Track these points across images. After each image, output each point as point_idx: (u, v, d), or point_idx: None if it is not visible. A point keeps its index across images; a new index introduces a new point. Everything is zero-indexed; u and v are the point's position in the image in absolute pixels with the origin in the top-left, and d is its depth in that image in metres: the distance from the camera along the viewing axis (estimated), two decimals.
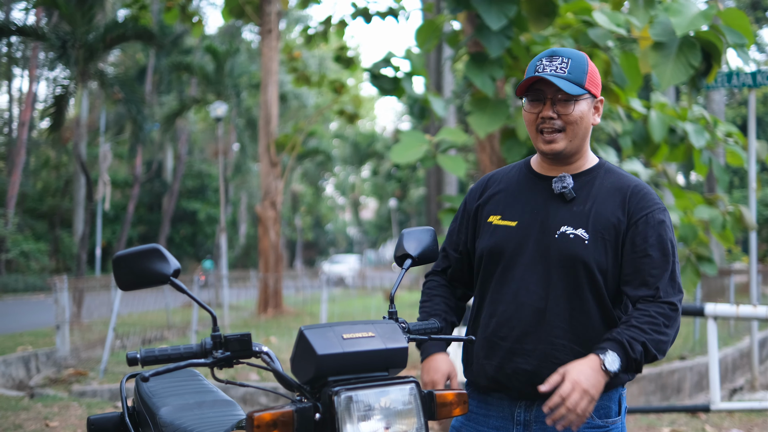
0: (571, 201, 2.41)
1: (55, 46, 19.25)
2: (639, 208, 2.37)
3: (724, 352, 11.73)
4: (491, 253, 2.48)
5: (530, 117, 2.42)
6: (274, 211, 18.93)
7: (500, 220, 2.49)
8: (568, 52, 2.39)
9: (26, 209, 36.56)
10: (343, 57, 14.25)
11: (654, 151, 9.16)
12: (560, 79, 2.32)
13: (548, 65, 2.35)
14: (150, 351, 2.11)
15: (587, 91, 2.37)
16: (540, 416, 2.39)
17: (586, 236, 2.35)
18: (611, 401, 2.42)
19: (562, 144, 2.38)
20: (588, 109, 2.40)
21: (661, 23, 7.35)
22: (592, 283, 2.35)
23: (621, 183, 2.42)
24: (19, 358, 11.51)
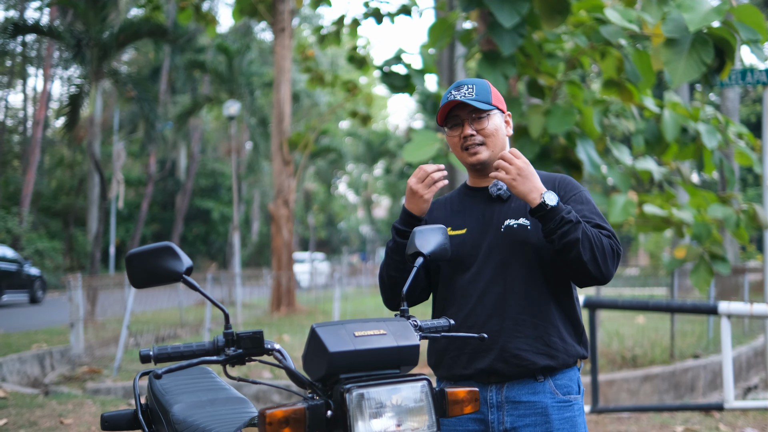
0: (507, 200, 2.76)
1: (70, 44, 19.35)
2: (567, 191, 2.72)
3: (738, 351, 11.68)
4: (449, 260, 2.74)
5: (454, 140, 2.79)
6: (286, 209, 18.96)
7: (451, 231, 2.79)
8: (471, 81, 2.76)
9: (41, 208, 36.75)
10: (356, 57, 14.26)
11: (665, 149, 9.14)
12: (471, 100, 2.70)
13: (457, 93, 2.73)
14: (163, 348, 2.12)
15: (495, 107, 2.75)
16: (510, 396, 2.65)
17: (527, 223, 2.69)
18: (571, 381, 2.69)
19: (485, 154, 2.74)
20: (501, 122, 2.78)
21: (673, 19, 7.31)
22: (540, 261, 2.67)
23: (547, 177, 2.77)
24: (34, 355, 11.58)
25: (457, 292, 2.73)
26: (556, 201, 2.54)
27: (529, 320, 2.63)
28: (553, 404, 2.62)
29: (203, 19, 18.29)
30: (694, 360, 10.55)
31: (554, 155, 9.29)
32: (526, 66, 9.33)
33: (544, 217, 2.55)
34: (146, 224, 40.54)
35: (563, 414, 2.63)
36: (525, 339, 2.62)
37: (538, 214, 2.56)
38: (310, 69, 17.34)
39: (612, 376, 9.21)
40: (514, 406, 2.64)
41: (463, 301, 2.71)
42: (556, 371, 2.65)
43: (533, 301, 2.65)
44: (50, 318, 17.85)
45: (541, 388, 2.64)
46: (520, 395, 2.64)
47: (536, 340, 2.62)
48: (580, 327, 2.73)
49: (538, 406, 2.62)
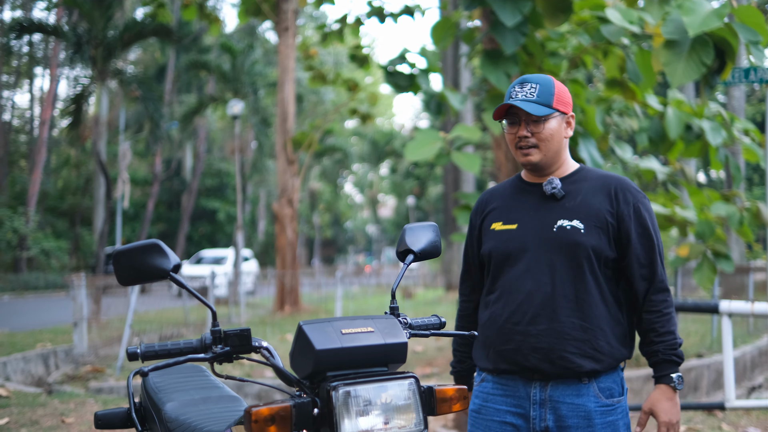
0: (561, 199, 2.72)
1: (74, 44, 19.38)
2: (626, 198, 2.70)
3: (742, 350, 11.64)
4: (498, 254, 2.76)
5: (510, 137, 2.77)
6: (291, 208, 18.96)
7: (502, 225, 2.79)
8: (537, 78, 2.74)
9: (47, 207, 36.85)
10: (358, 56, 14.26)
11: (669, 147, 9.11)
12: (529, 103, 2.68)
13: (519, 91, 2.71)
14: (150, 346, 2.12)
15: (555, 110, 2.70)
16: (553, 396, 2.66)
17: (581, 226, 2.66)
18: (614, 383, 2.70)
19: (537, 157, 2.72)
20: (558, 125, 2.73)
21: (673, 21, 7.27)
22: (591, 266, 2.66)
23: (605, 179, 2.76)
24: (38, 355, 11.60)
25: (505, 288, 2.73)
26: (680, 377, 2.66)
27: (578, 323, 2.63)
28: (597, 408, 2.63)
29: (207, 18, 18.33)
30: (697, 359, 10.52)
31: None
32: (529, 65, 9.30)
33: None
34: (152, 224, 40.61)
35: (606, 418, 2.64)
36: (573, 342, 2.62)
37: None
38: (313, 67, 17.35)
39: None
40: (557, 406, 2.65)
41: (510, 297, 2.70)
42: (601, 374, 2.66)
43: (582, 304, 2.64)
44: (55, 317, 17.89)
45: (585, 390, 2.64)
46: (564, 396, 2.64)
47: (584, 344, 2.62)
48: (626, 330, 2.73)
49: (581, 409, 2.63)
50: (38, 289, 30.18)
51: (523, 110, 2.68)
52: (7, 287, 29.11)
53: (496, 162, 10.17)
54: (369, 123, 21.52)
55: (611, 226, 2.67)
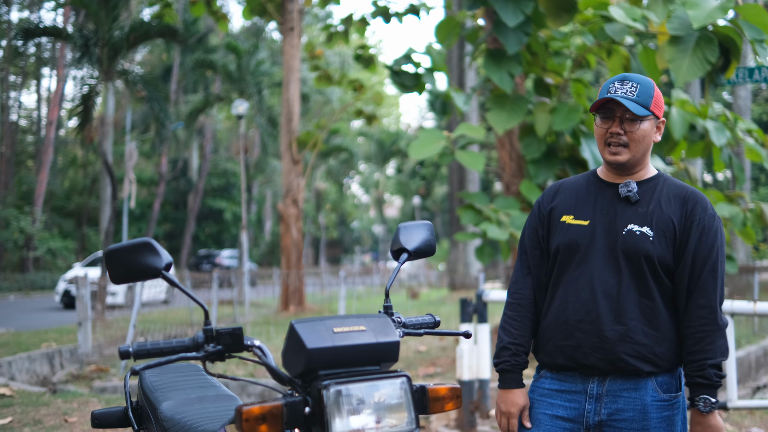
0: (635, 203, 2.72)
1: (79, 45, 19.43)
2: (697, 212, 2.69)
3: (747, 350, 11.60)
4: (567, 248, 2.76)
5: (600, 131, 2.74)
6: (295, 208, 18.97)
7: (573, 219, 2.78)
8: (638, 78, 2.71)
9: (54, 207, 36.96)
10: (364, 56, 14.27)
11: (673, 147, 9.10)
12: (629, 101, 2.65)
13: (619, 88, 2.68)
14: (142, 345, 2.12)
15: (651, 112, 2.68)
16: (611, 390, 2.68)
17: (650, 233, 2.67)
18: (673, 378, 2.70)
19: (626, 156, 2.70)
20: (651, 128, 2.72)
21: (678, 17, 7.28)
22: (654, 273, 2.67)
23: (679, 190, 2.75)
24: (43, 354, 11.62)
25: (571, 283, 2.74)
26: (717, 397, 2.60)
27: (641, 328, 2.64)
28: (653, 402, 2.65)
29: (214, 15, 18.36)
30: None
31: (561, 153, 9.27)
32: (533, 64, 9.30)
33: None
34: (158, 224, 40.69)
35: (662, 413, 2.65)
36: (634, 345, 2.63)
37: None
38: (318, 67, 17.36)
39: None
40: (614, 399, 2.67)
41: (575, 294, 2.72)
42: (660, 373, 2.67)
43: (645, 309, 2.65)
44: (61, 317, 17.95)
45: (643, 384, 2.65)
46: (622, 390, 2.67)
47: (644, 348, 2.64)
48: None
49: (638, 403, 2.65)
50: (45, 288, 30.27)
51: (621, 107, 2.68)
52: (13, 287, 29.21)
53: (500, 161, 10.16)
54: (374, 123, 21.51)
55: (678, 236, 2.68)
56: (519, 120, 8.67)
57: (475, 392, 6.77)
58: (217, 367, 10.29)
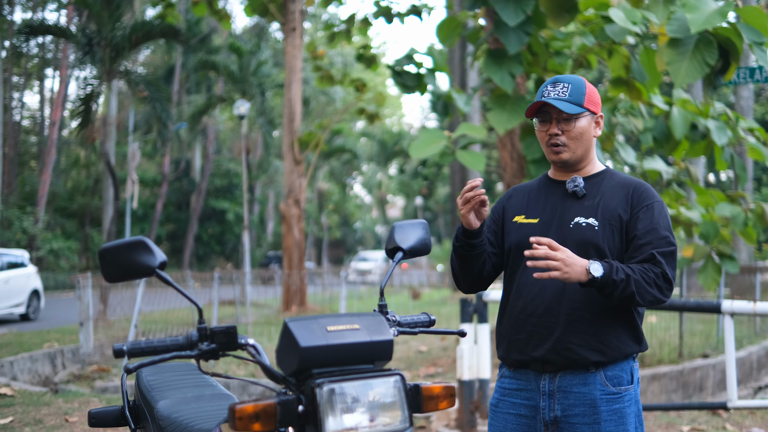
0: (582, 197, 2.82)
1: (82, 45, 19.45)
2: (640, 200, 2.76)
3: (748, 351, 11.60)
4: (518, 247, 2.84)
5: (541, 134, 2.85)
6: (297, 208, 18.98)
7: (524, 219, 2.89)
8: (569, 78, 2.84)
9: (56, 208, 36.98)
10: (366, 56, 14.26)
11: (675, 147, 9.09)
12: (561, 101, 2.76)
13: (552, 90, 2.79)
14: (136, 343, 2.13)
15: (586, 109, 2.79)
16: (562, 386, 2.74)
17: (596, 223, 2.75)
18: (623, 371, 2.75)
19: (567, 155, 2.81)
20: (588, 124, 2.82)
21: (678, 19, 7.27)
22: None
23: (625, 181, 2.84)
24: (45, 354, 11.63)
25: (522, 280, 2.82)
26: (602, 270, 2.58)
27: (586, 317, 2.71)
28: (602, 396, 2.70)
29: (216, 15, 18.37)
30: (703, 359, 10.49)
31: None
32: (533, 64, 9.30)
33: (598, 287, 2.61)
34: (161, 224, 40.72)
35: (612, 406, 2.70)
36: (579, 334, 2.70)
37: (592, 287, 2.62)
38: (320, 68, 17.36)
39: None
40: (565, 396, 2.73)
41: (525, 289, 2.80)
42: (608, 364, 2.72)
43: (592, 299, 2.70)
44: (64, 317, 17.96)
45: (591, 379, 2.71)
46: (572, 386, 2.72)
47: (591, 337, 2.70)
48: (637, 326, 2.79)
49: (587, 398, 2.70)
50: (47, 289, 30.25)
51: (555, 108, 2.78)
52: None
53: (501, 162, 10.16)
54: (377, 123, 21.51)
55: (624, 224, 2.75)
56: (520, 120, 8.66)
57: (476, 392, 6.78)
58: (219, 367, 10.30)
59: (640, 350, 2.79)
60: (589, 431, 2.70)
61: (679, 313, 11.14)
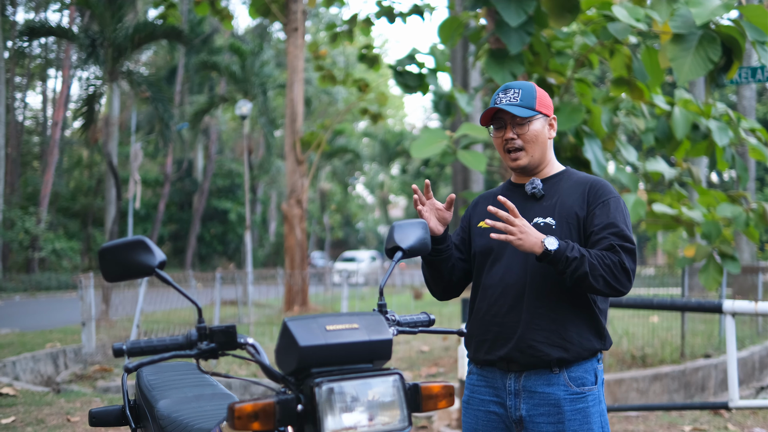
0: (541, 198, 2.89)
1: (84, 45, 19.47)
2: (596, 197, 2.83)
3: (750, 351, 11.59)
4: (482, 251, 2.94)
5: (497, 141, 2.95)
6: (299, 208, 18.98)
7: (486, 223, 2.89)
8: (519, 84, 2.91)
9: (59, 208, 37.01)
10: (368, 56, 14.26)
11: (676, 147, 9.08)
12: (514, 106, 2.84)
13: (504, 97, 2.88)
14: (136, 342, 2.13)
15: (538, 112, 2.87)
16: (526, 386, 2.80)
17: (553, 222, 2.82)
18: (586, 372, 2.81)
19: (525, 160, 2.90)
20: (542, 127, 2.90)
21: (681, 15, 7.27)
22: None
23: (581, 180, 2.91)
24: (48, 354, 11.65)
25: (486, 282, 2.89)
26: (557, 244, 2.65)
27: (546, 314, 2.77)
28: (566, 396, 2.75)
29: (218, 14, 18.38)
30: (705, 359, 10.48)
31: (564, 153, 9.26)
32: (535, 64, 9.29)
33: (552, 262, 2.66)
34: (163, 224, 40.74)
35: (575, 405, 2.75)
36: (541, 332, 2.76)
37: (545, 261, 2.67)
38: (322, 68, 17.37)
39: (621, 375, 9.17)
40: (530, 395, 2.79)
41: (490, 291, 2.87)
42: (571, 363, 2.78)
43: (551, 296, 2.78)
44: (66, 317, 17.98)
45: (555, 380, 2.77)
46: (536, 386, 2.78)
47: (552, 333, 2.76)
48: (599, 322, 2.84)
49: (551, 398, 2.76)
50: (50, 289, 30.32)
51: (509, 114, 2.87)
52: (19, 287, 29.26)
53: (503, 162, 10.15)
54: (379, 122, 21.51)
55: (581, 221, 2.81)
56: None
57: None
58: (221, 367, 10.31)
59: (603, 347, 2.84)
60: (554, 430, 2.75)
61: (681, 313, 11.14)
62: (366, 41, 17.10)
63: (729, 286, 16.11)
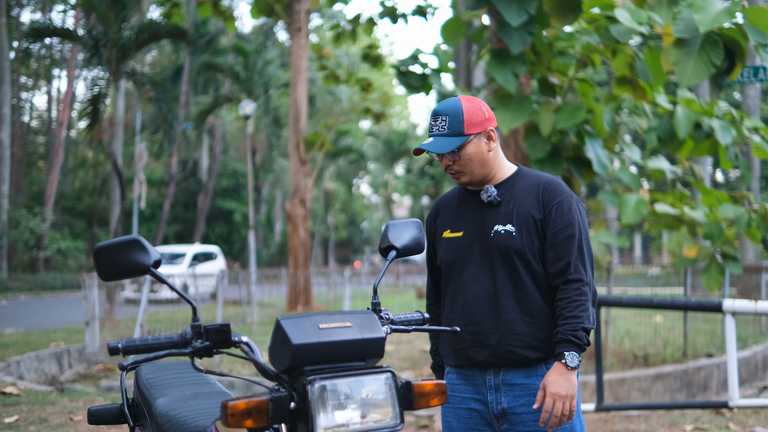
0: (498, 205, 2.91)
1: (89, 46, 19.51)
2: (551, 198, 2.87)
3: (753, 350, 11.58)
4: (448, 261, 2.98)
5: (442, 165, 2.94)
6: (303, 208, 19.00)
7: (450, 233, 3.00)
8: (445, 108, 2.88)
9: (64, 208, 37.09)
10: (371, 55, 14.27)
11: (679, 146, 9.08)
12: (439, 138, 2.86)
13: (434, 125, 2.89)
14: (131, 341, 2.15)
15: (467, 135, 2.85)
16: (506, 379, 2.88)
17: (513, 229, 2.86)
18: None
19: (466, 178, 2.92)
20: (476, 147, 2.88)
21: (684, 20, 7.26)
22: (526, 265, 2.85)
23: (535, 181, 2.94)
24: (52, 354, 11.68)
25: (456, 291, 2.94)
26: (577, 359, 2.74)
27: (520, 318, 2.83)
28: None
29: (222, 15, 18.40)
30: (707, 359, 10.48)
31: (565, 153, 9.28)
32: (537, 64, 9.30)
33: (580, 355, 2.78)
34: (168, 224, 40.79)
35: None
36: (517, 336, 2.82)
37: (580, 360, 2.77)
38: (325, 67, 17.39)
39: (623, 375, 9.17)
40: (510, 388, 2.87)
41: (460, 300, 2.92)
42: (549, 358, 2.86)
43: (522, 301, 2.84)
44: (71, 317, 18.02)
45: (534, 372, 2.86)
46: (515, 378, 2.86)
47: (527, 337, 2.83)
48: None
49: (531, 388, 2.84)
50: (55, 289, 30.39)
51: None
52: (24, 287, 29.33)
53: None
54: (383, 122, 21.52)
55: (539, 224, 2.86)
56: (523, 120, 8.67)
57: None
58: (223, 366, 10.34)
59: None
60: (535, 419, 2.83)
61: (683, 312, 11.14)
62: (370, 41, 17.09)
63: (733, 286, 16.09)
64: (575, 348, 2.73)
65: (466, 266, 2.92)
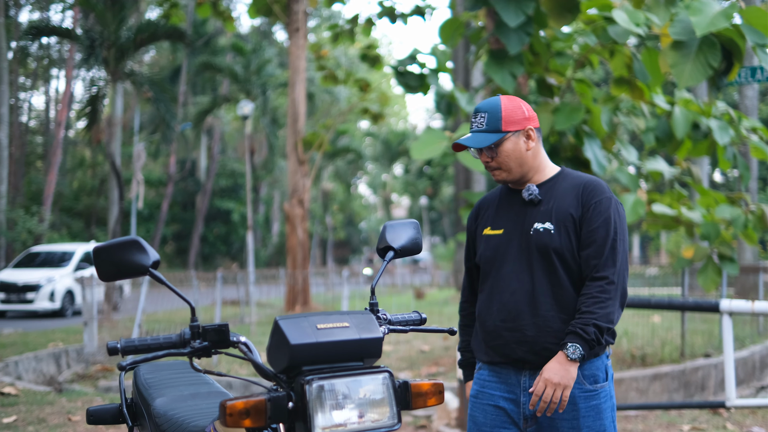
0: (538, 204, 2.95)
1: (86, 46, 19.51)
2: (590, 197, 2.90)
3: (751, 350, 11.60)
4: (487, 258, 3.01)
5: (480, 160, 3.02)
6: (301, 208, 19.01)
7: (491, 230, 3.04)
8: (486, 105, 2.96)
9: (62, 208, 37.05)
10: (369, 55, 14.27)
11: (677, 147, 9.09)
12: (478, 135, 2.93)
13: (474, 121, 2.96)
14: (130, 341, 2.16)
15: (505, 132, 2.91)
16: None
17: (551, 227, 2.89)
18: (598, 370, 2.89)
19: (503, 175, 2.98)
20: (514, 144, 2.94)
21: (681, 21, 7.26)
22: (563, 263, 2.88)
23: (576, 181, 2.97)
24: (50, 354, 11.69)
25: (494, 288, 2.96)
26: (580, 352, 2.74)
27: (557, 316, 2.85)
28: (580, 394, 2.83)
29: (221, 16, 18.40)
30: (704, 359, 10.49)
31: (564, 153, 9.28)
32: (535, 65, 9.31)
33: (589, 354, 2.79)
34: (166, 224, 40.77)
35: (589, 403, 2.84)
36: (553, 333, 2.83)
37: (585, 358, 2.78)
38: (324, 67, 17.39)
39: (621, 375, 9.18)
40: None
41: (498, 297, 2.94)
42: (584, 360, 2.82)
43: (559, 299, 2.86)
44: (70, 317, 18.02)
45: None
46: None
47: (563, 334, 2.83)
48: None
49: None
50: None
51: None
52: None
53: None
54: (381, 122, 21.53)
55: (577, 222, 2.88)
56: None
57: None
58: (221, 366, 10.34)
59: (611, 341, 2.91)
60: (569, 426, 2.84)
61: (681, 312, 11.15)
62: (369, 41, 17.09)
63: (731, 286, 16.11)
64: (580, 341, 2.73)
65: (505, 263, 2.95)
